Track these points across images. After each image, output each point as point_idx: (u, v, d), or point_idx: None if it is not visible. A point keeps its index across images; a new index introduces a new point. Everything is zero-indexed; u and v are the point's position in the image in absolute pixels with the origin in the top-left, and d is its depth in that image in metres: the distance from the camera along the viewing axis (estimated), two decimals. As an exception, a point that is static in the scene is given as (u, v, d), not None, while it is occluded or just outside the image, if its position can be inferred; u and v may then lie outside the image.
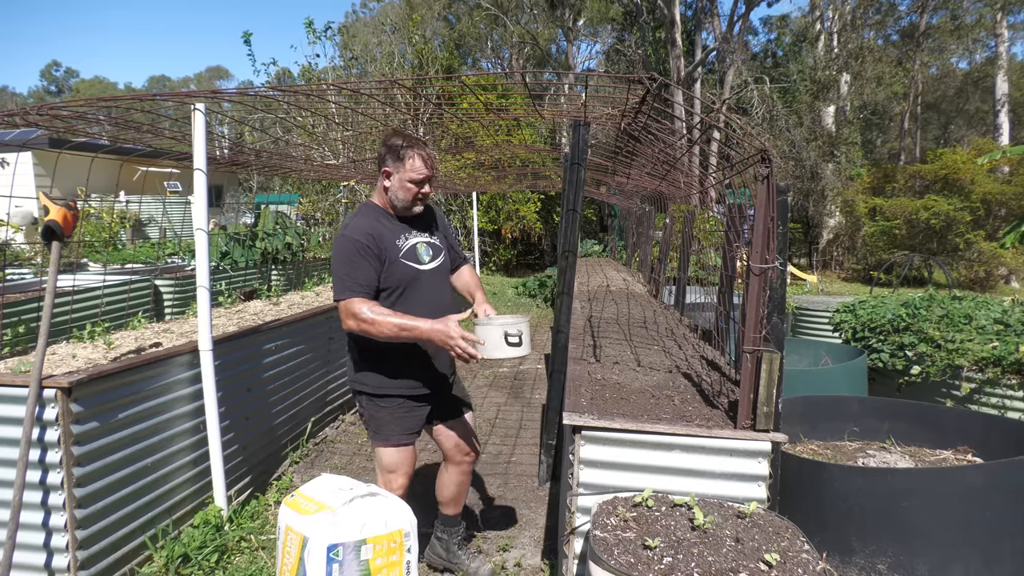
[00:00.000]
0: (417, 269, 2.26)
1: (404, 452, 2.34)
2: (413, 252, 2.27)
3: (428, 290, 2.29)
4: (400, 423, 2.32)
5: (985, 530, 2.16)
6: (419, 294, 2.26)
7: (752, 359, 2.01)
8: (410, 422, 2.34)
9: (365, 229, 2.17)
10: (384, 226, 2.23)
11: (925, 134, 26.00)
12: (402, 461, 2.34)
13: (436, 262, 2.35)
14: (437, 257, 2.36)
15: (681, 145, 3.97)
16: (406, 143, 2.18)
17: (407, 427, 2.33)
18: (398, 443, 2.32)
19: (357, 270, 2.12)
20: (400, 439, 2.32)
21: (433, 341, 2.03)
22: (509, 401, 5.31)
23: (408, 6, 22.95)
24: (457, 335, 1.98)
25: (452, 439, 2.51)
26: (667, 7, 18.24)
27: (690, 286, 5.38)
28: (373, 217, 2.24)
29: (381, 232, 2.20)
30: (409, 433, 2.34)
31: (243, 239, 7.58)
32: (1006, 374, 3.43)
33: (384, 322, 2.05)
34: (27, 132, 9.65)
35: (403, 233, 2.27)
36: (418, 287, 2.26)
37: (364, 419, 2.40)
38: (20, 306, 4.52)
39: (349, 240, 2.14)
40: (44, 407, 2.29)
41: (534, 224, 15.16)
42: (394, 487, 2.34)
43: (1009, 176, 14.58)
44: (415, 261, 2.27)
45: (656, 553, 1.66)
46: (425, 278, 2.29)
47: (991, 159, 13.52)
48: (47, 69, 59.24)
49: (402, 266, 2.22)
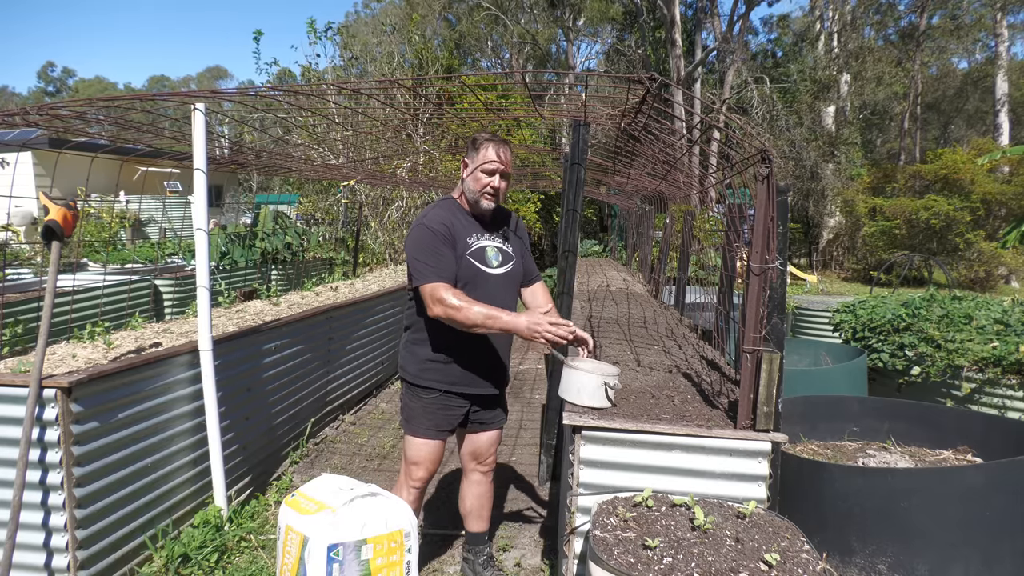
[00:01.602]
0: (483, 271, 2.24)
1: (430, 446, 2.33)
2: (481, 253, 2.26)
3: (491, 294, 2.23)
4: (431, 418, 2.30)
5: (985, 530, 2.16)
6: (483, 295, 2.21)
7: (752, 359, 2.01)
8: (441, 419, 2.31)
9: (442, 220, 2.20)
10: (459, 220, 2.25)
11: (925, 134, 26.00)
12: (426, 456, 2.33)
13: (505, 268, 2.31)
14: (507, 264, 2.32)
15: (681, 145, 3.97)
16: (486, 136, 2.24)
17: (437, 423, 2.31)
18: (425, 436, 2.31)
19: (439, 258, 2.13)
20: (427, 433, 2.31)
21: (520, 331, 2.02)
22: (509, 401, 5.30)
23: (408, 6, 22.96)
24: (544, 321, 1.98)
25: (470, 447, 2.49)
26: (667, 7, 18.24)
27: (690, 286, 5.38)
28: (449, 210, 2.27)
29: (455, 224, 2.22)
30: (439, 430, 2.33)
31: (243, 239, 7.58)
32: (1006, 374, 3.43)
33: (471, 309, 2.04)
34: (27, 132, 9.65)
35: (475, 232, 2.27)
36: (481, 289, 2.22)
37: (401, 405, 2.41)
38: (20, 306, 4.52)
39: (428, 230, 2.16)
40: (44, 407, 2.29)
41: (534, 224, 15.15)
42: (413, 478, 2.34)
43: (1009, 176, 14.59)
44: (482, 262, 2.25)
45: (656, 553, 1.66)
46: (491, 282, 2.26)
47: (991, 159, 13.52)
48: (43, 70, 59.17)
49: (467, 263, 2.22)
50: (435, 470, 2.40)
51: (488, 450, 2.49)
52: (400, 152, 6.56)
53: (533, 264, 2.50)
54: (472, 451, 2.49)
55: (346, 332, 4.73)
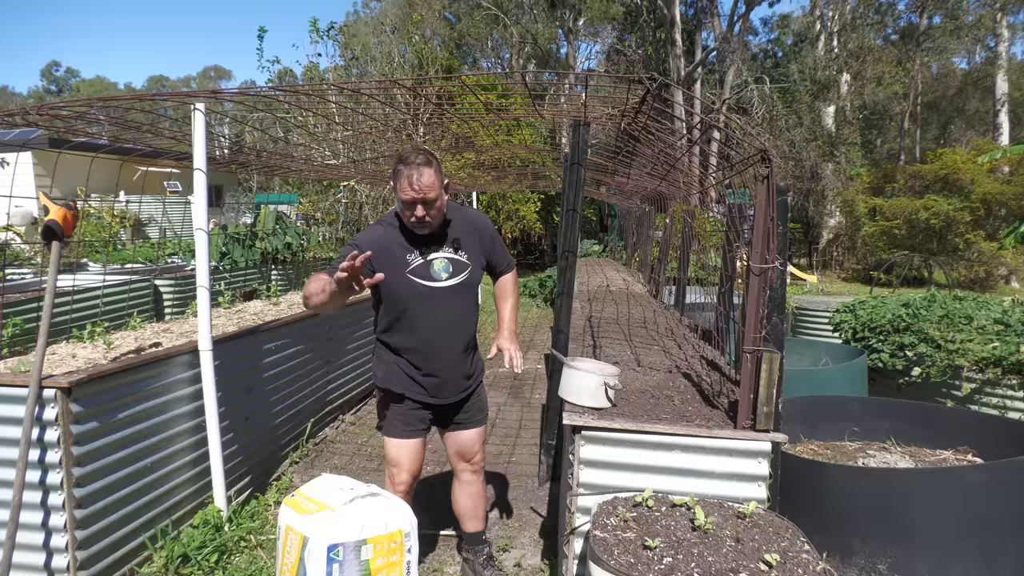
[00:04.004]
0: (427, 286, 2.21)
1: (407, 447, 2.33)
2: (426, 268, 2.22)
3: (440, 308, 2.23)
4: (402, 417, 2.33)
5: (985, 530, 2.16)
6: (427, 311, 2.22)
7: (752, 359, 2.01)
8: (411, 417, 2.34)
9: (374, 238, 2.18)
10: (397, 238, 2.20)
11: (925, 134, 25.99)
12: (404, 457, 2.33)
13: (457, 279, 2.26)
14: (459, 274, 2.27)
15: (681, 145, 3.97)
16: (400, 163, 2.09)
17: (407, 420, 2.33)
18: (399, 436, 2.33)
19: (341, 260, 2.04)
20: (402, 432, 2.33)
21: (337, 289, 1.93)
22: (509, 401, 5.30)
23: (408, 5, 22.95)
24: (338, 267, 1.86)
25: (454, 447, 2.49)
26: (667, 7, 18.24)
27: (690, 286, 5.38)
28: (388, 227, 2.23)
29: (390, 243, 2.17)
30: (412, 428, 2.34)
31: (242, 239, 7.58)
32: (1006, 374, 3.43)
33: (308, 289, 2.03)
34: (27, 132, 9.65)
35: (419, 248, 2.22)
36: (426, 303, 2.22)
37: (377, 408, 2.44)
38: (20, 306, 4.52)
39: (352, 245, 2.16)
40: (44, 407, 2.29)
41: (534, 224, 15.16)
42: (396, 482, 2.34)
43: (1009, 176, 14.57)
44: (426, 278, 2.21)
45: (656, 553, 1.66)
46: (437, 295, 2.23)
47: (991, 158, 13.51)
48: (47, 69, 59.20)
49: (407, 281, 2.19)
50: (417, 472, 2.38)
51: (472, 448, 2.48)
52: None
53: (503, 256, 2.45)
54: (457, 451, 2.49)
55: (346, 332, 4.73)
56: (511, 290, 2.51)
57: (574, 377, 2.16)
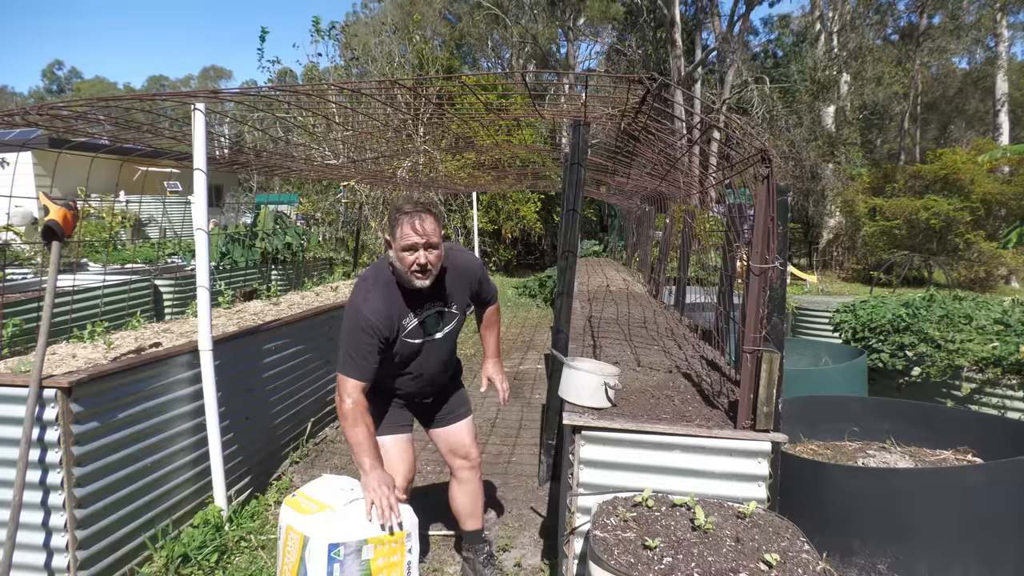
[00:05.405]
0: (419, 344, 2.24)
1: (395, 445, 2.35)
2: (419, 329, 2.22)
3: (430, 357, 2.30)
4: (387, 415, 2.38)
5: (985, 530, 2.16)
6: (417, 362, 2.28)
7: (752, 359, 2.01)
8: (396, 414, 2.40)
9: (380, 311, 2.10)
10: (395, 303, 2.16)
11: (925, 134, 25.99)
12: (394, 457, 2.33)
13: (446, 329, 2.31)
14: (449, 323, 2.31)
15: (681, 145, 3.97)
16: (401, 211, 2.05)
17: (392, 418, 2.39)
18: (387, 433, 2.35)
19: (367, 360, 2.08)
20: (387, 429, 2.35)
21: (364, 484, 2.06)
22: (509, 401, 5.30)
23: (409, 5, 22.95)
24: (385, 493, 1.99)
25: (445, 444, 2.50)
26: (667, 7, 18.24)
27: (690, 286, 5.38)
28: (386, 293, 2.15)
29: (392, 311, 2.14)
30: (398, 424, 2.39)
31: (242, 238, 7.59)
32: (1006, 374, 3.43)
33: (352, 430, 2.07)
34: (27, 132, 9.65)
35: (415, 309, 2.20)
36: (421, 356, 2.27)
37: None
38: (20, 306, 4.52)
39: (367, 327, 2.07)
40: (44, 407, 2.29)
41: (534, 224, 15.15)
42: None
43: (1009, 176, 14.58)
44: (419, 337, 2.23)
45: (656, 553, 1.66)
46: (428, 347, 2.27)
47: (991, 158, 13.51)
48: (48, 68, 59.20)
49: (403, 344, 2.20)
50: (408, 474, 2.36)
51: (464, 441, 2.48)
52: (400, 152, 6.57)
53: (488, 290, 2.46)
54: (450, 448, 2.49)
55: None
56: (496, 320, 2.60)
57: (574, 377, 2.16)
